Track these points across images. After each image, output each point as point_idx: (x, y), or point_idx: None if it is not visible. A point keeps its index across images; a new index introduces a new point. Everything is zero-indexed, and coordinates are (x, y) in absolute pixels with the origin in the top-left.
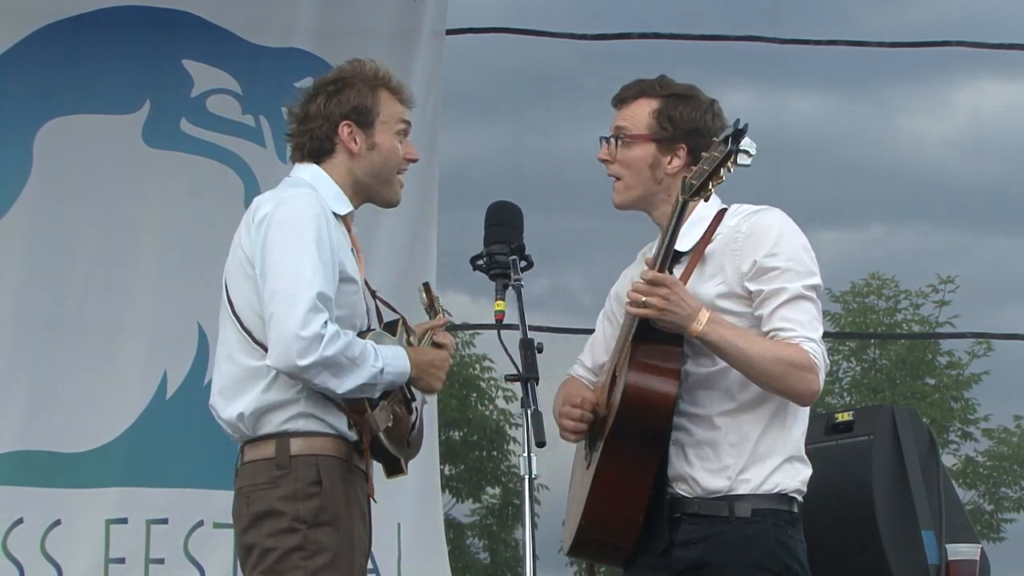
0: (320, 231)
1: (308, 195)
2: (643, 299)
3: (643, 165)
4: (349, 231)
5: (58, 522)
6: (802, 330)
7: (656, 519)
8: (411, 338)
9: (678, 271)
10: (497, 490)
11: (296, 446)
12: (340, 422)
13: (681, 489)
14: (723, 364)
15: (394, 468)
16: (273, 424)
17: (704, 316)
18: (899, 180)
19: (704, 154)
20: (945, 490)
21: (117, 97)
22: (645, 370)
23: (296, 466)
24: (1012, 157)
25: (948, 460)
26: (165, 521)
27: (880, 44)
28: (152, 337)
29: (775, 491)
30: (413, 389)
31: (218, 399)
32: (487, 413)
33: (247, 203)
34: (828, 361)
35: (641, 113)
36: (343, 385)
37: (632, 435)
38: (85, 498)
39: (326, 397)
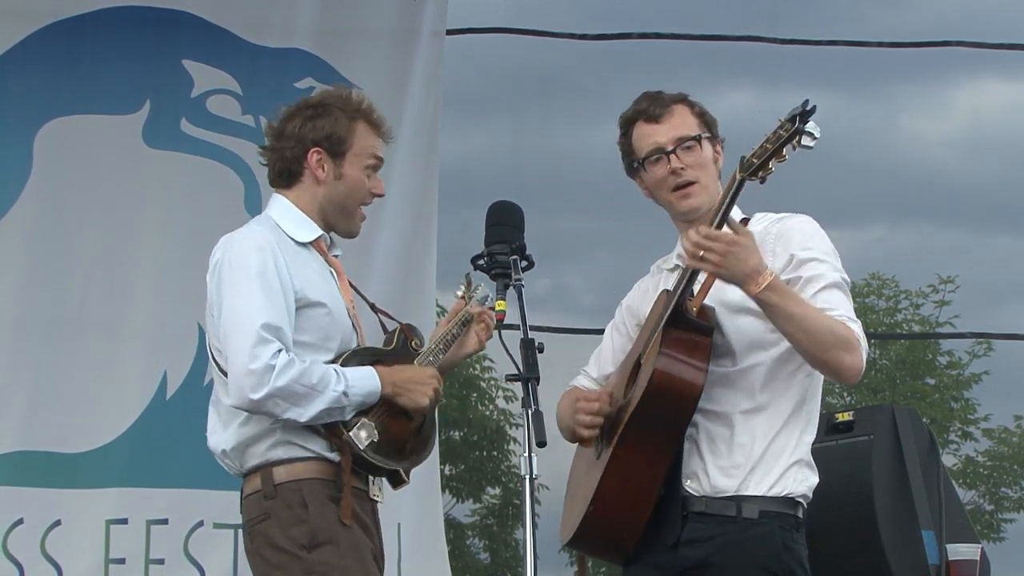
0: (264, 264)
1: (253, 232)
2: (700, 252)
3: (711, 164)
4: (324, 254)
5: (58, 522)
6: (845, 311)
7: (668, 514)
8: (413, 343)
9: (703, 275)
10: (497, 490)
11: (279, 474)
12: (319, 446)
13: (691, 487)
14: (744, 364)
15: (396, 479)
16: (256, 456)
17: (765, 279)
18: (899, 180)
19: (768, 134)
20: (945, 490)
21: (117, 97)
22: (674, 357)
23: (282, 494)
24: (1012, 157)
25: (948, 460)
26: (165, 521)
27: (880, 44)
28: (152, 337)
29: (783, 494)
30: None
31: (210, 439)
32: (487, 413)
33: (247, 203)
34: (866, 344)
35: (687, 117)
36: (305, 413)
37: (654, 422)
38: (85, 498)
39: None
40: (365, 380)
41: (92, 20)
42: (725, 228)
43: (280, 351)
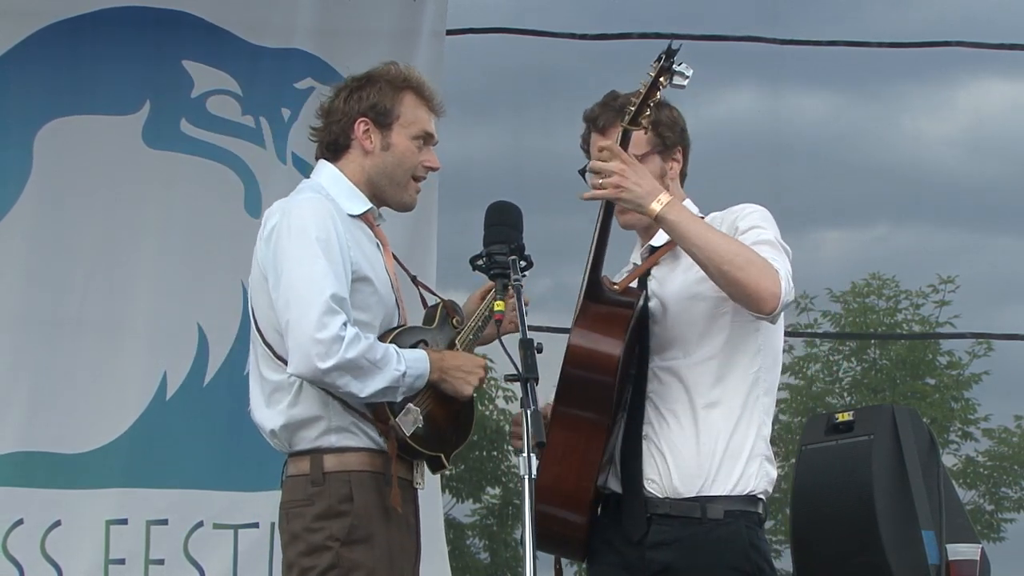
0: (327, 233)
1: (312, 199)
2: (599, 180)
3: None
4: (372, 227)
5: (58, 523)
6: (770, 256)
7: (631, 511)
8: (455, 320)
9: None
10: (497, 490)
11: (329, 462)
12: (369, 434)
13: (652, 489)
14: (695, 357)
15: (436, 464)
16: (307, 440)
17: (665, 197)
18: (900, 180)
19: (640, 81)
20: (945, 490)
21: (117, 98)
22: (589, 330)
23: (329, 483)
24: (1013, 157)
25: (948, 460)
26: (165, 522)
27: (880, 44)
28: (152, 338)
29: (746, 492)
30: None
31: (255, 413)
32: (487, 413)
33: (247, 204)
34: (792, 290)
35: (637, 133)
36: (366, 388)
37: (578, 399)
38: (85, 499)
39: (352, 408)
40: (419, 363)
41: (92, 20)
42: (605, 141)
43: (346, 323)
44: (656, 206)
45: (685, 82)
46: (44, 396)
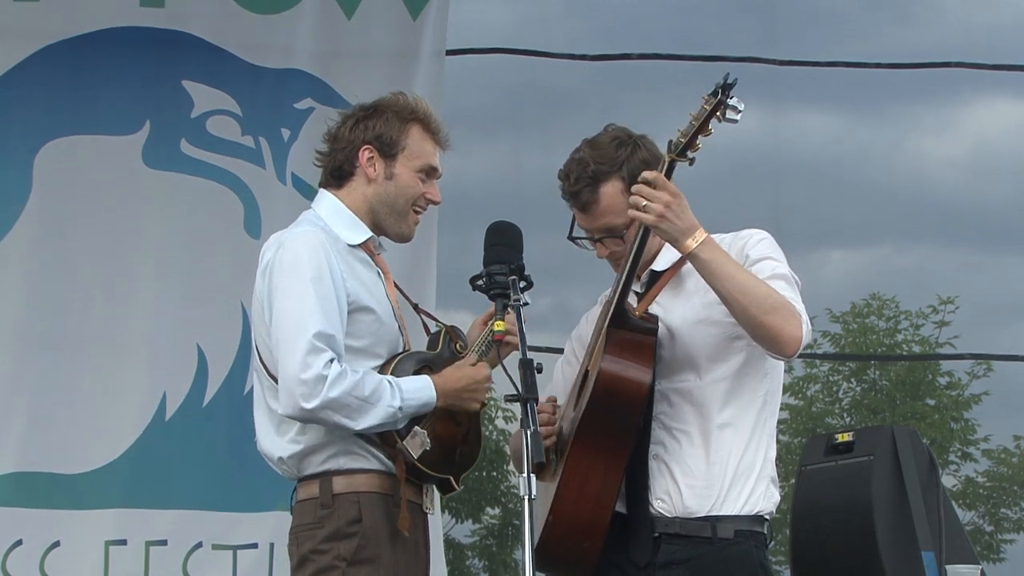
0: (319, 268)
1: (306, 233)
2: (644, 202)
3: None
4: (373, 256)
5: (57, 543)
6: (789, 296)
7: (638, 534)
8: (458, 345)
9: (645, 290)
10: (497, 510)
11: (339, 484)
12: (378, 456)
13: (661, 508)
14: (707, 378)
15: (446, 486)
16: (315, 464)
17: (700, 235)
18: (901, 201)
19: (691, 113)
20: (945, 511)
21: (117, 118)
22: (619, 358)
23: (339, 504)
24: (1015, 178)
25: (948, 481)
26: (164, 543)
27: (879, 65)
28: (151, 358)
29: (754, 512)
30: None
31: (261, 443)
32: (486, 433)
33: (247, 224)
34: (811, 332)
35: (616, 202)
36: (358, 425)
37: (604, 426)
38: (84, 520)
39: (359, 434)
40: (421, 392)
41: (92, 41)
42: (653, 173)
43: (332, 360)
44: (691, 243)
45: (738, 116)
46: (43, 416)
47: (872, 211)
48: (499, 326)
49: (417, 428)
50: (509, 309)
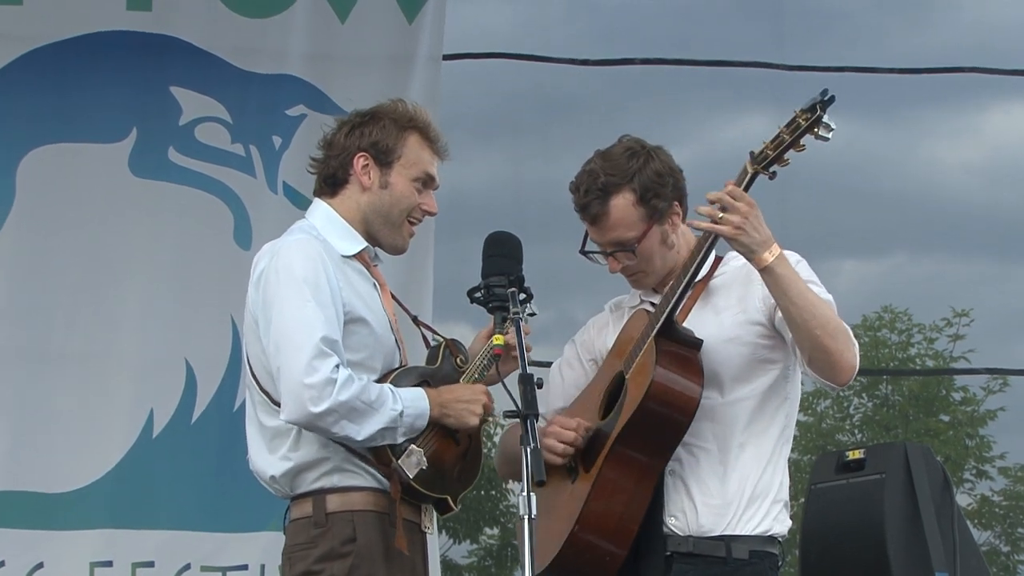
0: (316, 275)
1: (300, 241)
2: (720, 214)
3: (657, 248)
4: (368, 267)
5: (40, 565)
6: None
7: (649, 552)
8: (459, 359)
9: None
10: (496, 531)
11: (333, 503)
12: (373, 474)
13: (674, 526)
14: (731, 397)
15: (443, 506)
16: (308, 482)
17: (776, 249)
18: (913, 209)
19: (781, 127)
20: (960, 531)
21: (103, 125)
22: (671, 369)
23: (333, 523)
24: None
25: (963, 500)
26: (151, 564)
27: (891, 71)
28: (138, 374)
29: (768, 533)
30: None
31: (255, 461)
32: (485, 451)
33: (236, 235)
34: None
35: (627, 214)
36: (362, 431)
37: (645, 438)
38: (69, 540)
39: (354, 451)
40: (417, 402)
41: (77, 46)
42: (733, 185)
43: (339, 365)
44: (768, 256)
45: (830, 135)
46: (26, 433)
47: (884, 220)
48: (498, 340)
49: (413, 447)
50: (509, 322)
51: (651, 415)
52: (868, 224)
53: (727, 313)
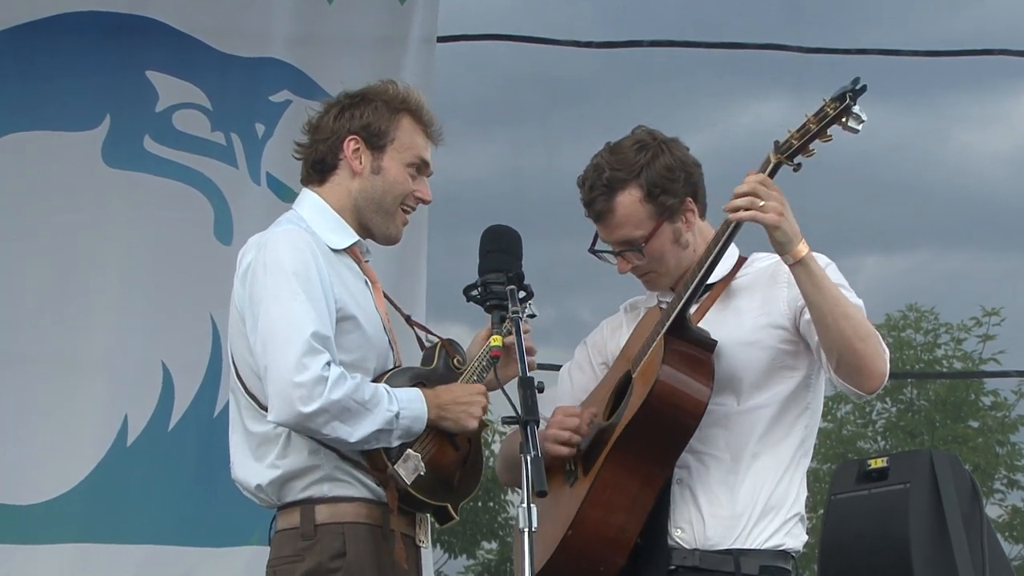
0: (306, 267)
1: (289, 232)
2: (760, 202)
3: (668, 247)
4: (359, 262)
5: None
6: None
7: (652, 566)
8: (456, 360)
9: (698, 303)
10: (494, 544)
11: (322, 514)
12: (365, 483)
13: (680, 538)
14: (748, 404)
15: (443, 515)
16: (296, 491)
17: (806, 245)
18: (940, 201)
19: (808, 115)
20: (989, 545)
21: (74, 112)
22: (679, 369)
23: (321, 536)
24: None
25: (992, 511)
26: None
27: (915, 53)
28: (111, 378)
29: (781, 548)
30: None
31: (236, 470)
32: (485, 459)
33: (217, 229)
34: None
35: (634, 211)
36: (356, 432)
37: (649, 439)
38: (38, 555)
39: (346, 456)
40: (414, 403)
41: (46, 27)
42: (761, 175)
43: (330, 362)
44: (804, 248)
45: (860, 127)
46: None
47: (909, 213)
48: (496, 341)
49: (410, 451)
50: (508, 322)
51: (655, 416)
52: (891, 217)
53: (748, 315)
